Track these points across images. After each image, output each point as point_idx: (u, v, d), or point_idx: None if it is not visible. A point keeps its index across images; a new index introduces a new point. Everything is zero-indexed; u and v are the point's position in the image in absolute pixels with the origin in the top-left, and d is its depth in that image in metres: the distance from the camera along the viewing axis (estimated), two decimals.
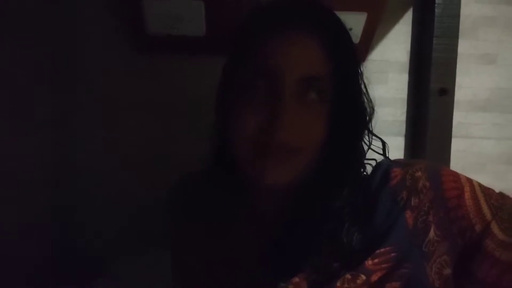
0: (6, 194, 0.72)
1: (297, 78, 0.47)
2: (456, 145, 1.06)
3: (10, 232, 0.74)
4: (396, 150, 1.06)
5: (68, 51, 0.96)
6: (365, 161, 0.55)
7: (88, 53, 0.98)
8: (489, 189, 0.48)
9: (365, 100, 0.53)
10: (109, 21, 0.98)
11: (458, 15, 1.00)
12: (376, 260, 0.47)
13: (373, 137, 0.55)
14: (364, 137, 0.54)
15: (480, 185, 0.48)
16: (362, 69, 0.53)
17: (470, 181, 0.48)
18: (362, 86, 0.53)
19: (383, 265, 0.47)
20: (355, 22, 0.93)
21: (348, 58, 0.51)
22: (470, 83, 1.07)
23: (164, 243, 0.69)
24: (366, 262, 0.47)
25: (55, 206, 0.94)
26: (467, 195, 0.46)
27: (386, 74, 1.06)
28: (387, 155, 0.57)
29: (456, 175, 0.49)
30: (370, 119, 0.54)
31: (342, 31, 0.51)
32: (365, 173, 0.55)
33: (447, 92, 1.01)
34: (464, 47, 1.04)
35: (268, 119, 0.47)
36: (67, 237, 0.98)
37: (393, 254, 0.47)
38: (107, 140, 1.00)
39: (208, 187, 0.62)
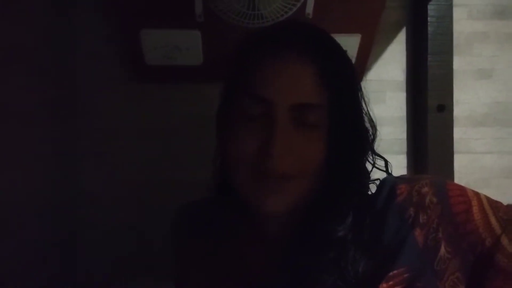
0: (8, 224, 0.71)
1: (290, 105, 0.47)
2: (459, 160, 1.05)
3: (12, 261, 0.73)
4: (399, 169, 1.06)
5: (69, 82, 0.98)
6: (370, 182, 0.54)
7: (89, 84, 0.99)
8: (496, 202, 0.47)
9: (366, 121, 0.53)
10: (109, 53, 1.00)
11: (451, 32, 1.02)
12: (390, 283, 0.45)
13: (376, 156, 0.55)
14: (368, 157, 0.54)
15: (487, 198, 0.47)
16: (362, 89, 0.53)
17: (477, 194, 0.48)
18: (363, 105, 0.53)
19: (396, 287, 0.46)
20: (349, 44, 0.94)
21: (346, 83, 0.50)
22: (468, 98, 1.08)
23: (166, 274, 0.68)
24: (380, 286, 0.46)
25: (58, 235, 0.94)
26: (475, 209, 0.46)
27: (384, 93, 1.07)
28: (390, 173, 0.56)
29: (462, 189, 0.48)
30: (373, 139, 0.53)
31: (339, 55, 0.51)
32: (369, 192, 0.54)
33: (445, 108, 1.01)
34: (459, 63, 1.05)
35: (262, 146, 0.46)
36: (68, 267, 0.97)
37: (406, 275, 0.45)
38: (109, 168, 1.00)
39: (213, 208, 0.61)
